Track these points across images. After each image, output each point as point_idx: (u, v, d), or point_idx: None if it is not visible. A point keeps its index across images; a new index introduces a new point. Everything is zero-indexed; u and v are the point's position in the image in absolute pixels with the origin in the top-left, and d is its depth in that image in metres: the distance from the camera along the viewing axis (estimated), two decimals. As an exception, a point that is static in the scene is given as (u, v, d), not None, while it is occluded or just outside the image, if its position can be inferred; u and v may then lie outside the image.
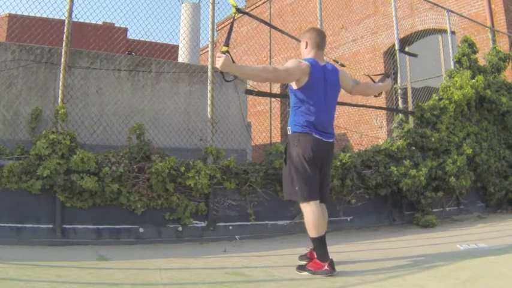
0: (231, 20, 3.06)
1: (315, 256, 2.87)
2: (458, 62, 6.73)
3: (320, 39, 3.08)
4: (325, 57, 3.20)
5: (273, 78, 3.09)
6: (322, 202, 3.04)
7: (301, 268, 2.87)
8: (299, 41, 3.23)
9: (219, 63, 2.64)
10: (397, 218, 5.44)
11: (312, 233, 2.84)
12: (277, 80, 3.10)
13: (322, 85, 2.97)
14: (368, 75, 3.55)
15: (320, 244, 2.82)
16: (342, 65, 3.47)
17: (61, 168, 3.71)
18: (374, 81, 3.47)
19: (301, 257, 3.23)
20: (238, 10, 3.31)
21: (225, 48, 2.68)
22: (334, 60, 3.55)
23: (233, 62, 2.68)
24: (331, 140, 3.04)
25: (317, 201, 2.89)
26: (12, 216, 3.68)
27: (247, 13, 3.66)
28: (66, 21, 4.15)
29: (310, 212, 2.84)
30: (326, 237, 2.87)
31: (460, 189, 5.82)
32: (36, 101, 4.88)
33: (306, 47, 3.09)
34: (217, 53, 2.69)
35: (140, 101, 5.63)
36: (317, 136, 2.92)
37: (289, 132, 3.02)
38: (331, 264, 2.74)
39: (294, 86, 2.97)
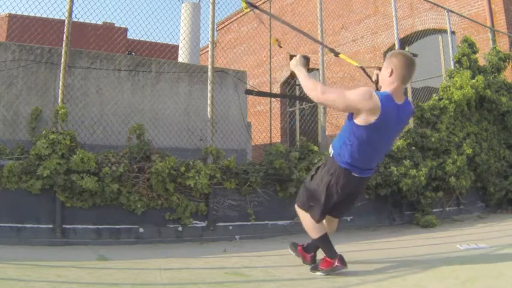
0: (247, 11, 3.18)
1: (324, 255, 2.84)
2: (458, 62, 6.73)
3: (408, 74, 2.62)
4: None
5: (322, 101, 2.74)
6: (337, 218, 3.10)
7: (314, 269, 2.86)
8: (311, 37, 3.12)
9: (293, 62, 2.79)
10: (397, 218, 5.44)
11: (313, 234, 2.86)
12: (326, 104, 2.82)
13: (390, 127, 2.63)
14: (361, 67, 3.24)
15: (324, 242, 2.82)
16: (336, 55, 3.31)
17: (61, 168, 3.72)
18: (368, 75, 3.19)
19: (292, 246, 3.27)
20: (249, 4, 3.27)
21: (274, 41, 2.95)
22: (330, 50, 3.39)
23: (308, 64, 2.76)
24: (369, 175, 2.87)
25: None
26: (12, 216, 3.68)
27: (257, 7, 3.58)
28: (66, 21, 4.15)
29: (308, 218, 2.88)
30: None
31: (460, 189, 5.81)
32: (36, 101, 4.88)
33: (390, 76, 2.62)
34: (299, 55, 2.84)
35: (140, 101, 5.62)
36: (356, 174, 2.73)
37: (330, 155, 2.82)
38: (341, 260, 2.73)
39: (356, 120, 2.60)
